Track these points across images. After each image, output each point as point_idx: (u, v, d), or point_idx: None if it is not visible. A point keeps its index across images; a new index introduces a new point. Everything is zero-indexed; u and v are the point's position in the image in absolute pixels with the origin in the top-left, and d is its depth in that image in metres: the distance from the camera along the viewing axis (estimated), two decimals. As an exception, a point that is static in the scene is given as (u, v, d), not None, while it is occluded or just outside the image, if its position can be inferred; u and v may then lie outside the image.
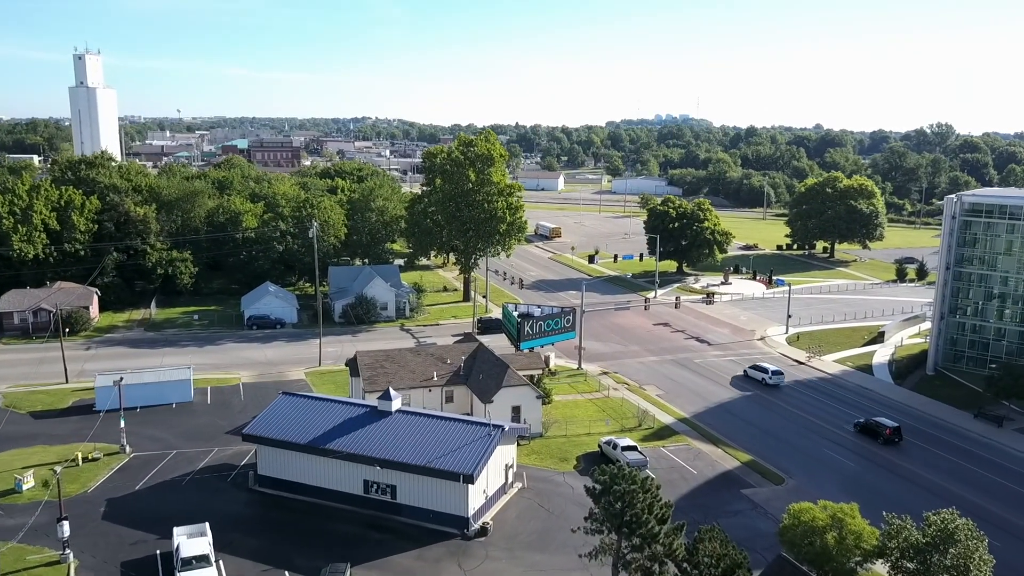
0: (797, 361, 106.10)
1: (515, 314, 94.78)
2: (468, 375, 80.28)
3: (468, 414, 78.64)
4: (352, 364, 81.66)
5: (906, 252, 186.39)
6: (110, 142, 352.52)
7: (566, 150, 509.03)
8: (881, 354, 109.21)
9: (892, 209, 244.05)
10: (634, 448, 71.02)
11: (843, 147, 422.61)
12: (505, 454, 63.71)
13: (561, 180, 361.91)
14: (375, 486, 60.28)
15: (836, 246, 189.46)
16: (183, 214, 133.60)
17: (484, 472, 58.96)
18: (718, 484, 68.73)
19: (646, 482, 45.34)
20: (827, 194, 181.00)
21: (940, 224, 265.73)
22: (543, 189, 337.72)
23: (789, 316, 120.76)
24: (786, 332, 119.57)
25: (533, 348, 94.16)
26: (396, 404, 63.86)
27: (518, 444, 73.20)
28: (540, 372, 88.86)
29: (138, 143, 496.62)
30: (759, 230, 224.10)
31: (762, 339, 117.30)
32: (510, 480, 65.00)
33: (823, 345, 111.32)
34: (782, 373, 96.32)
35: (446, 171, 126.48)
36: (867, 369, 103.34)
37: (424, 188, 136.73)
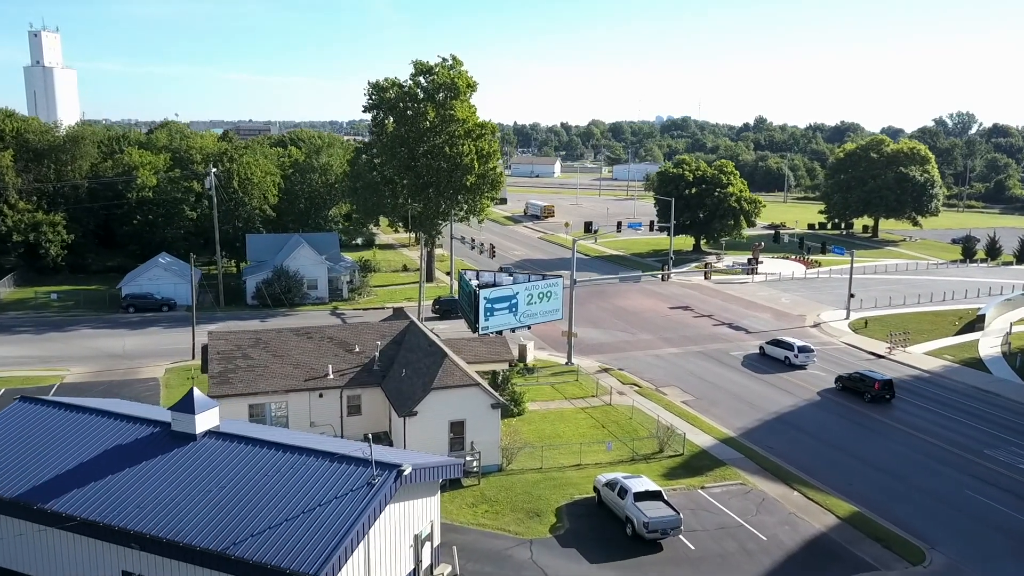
0: (875, 354, 75.83)
1: (473, 284, 64.71)
2: (387, 370, 50.25)
3: (384, 434, 48.71)
4: (203, 354, 51.53)
5: (961, 232, 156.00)
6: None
7: (564, 144, 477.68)
8: (988, 344, 79.06)
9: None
10: (658, 495, 40.59)
11: (860, 132, 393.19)
12: (414, 517, 33.53)
13: (558, 166, 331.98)
14: (144, 586, 30.21)
15: (880, 224, 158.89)
16: (58, 167, 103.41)
17: (354, 561, 28.85)
18: (808, 561, 38.52)
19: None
20: (872, 160, 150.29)
21: (986, 207, 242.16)
22: (538, 175, 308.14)
23: (851, 295, 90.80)
24: (847, 317, 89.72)
25: (502, 332, 64.37)
26: (206, 421, 33.59)
27: (459, 485, 43.44)
28: (507, 367, 58.99)
29: None
30: (782, 212, 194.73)
31: (816, 326, 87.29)
32: (428, 561, 34.85)
33: (910, 333, 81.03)
34: (812, 350, 71.60)
35: (398, 109, 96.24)
36: (976, 364, 73.12)
37: (373, 135, 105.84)
